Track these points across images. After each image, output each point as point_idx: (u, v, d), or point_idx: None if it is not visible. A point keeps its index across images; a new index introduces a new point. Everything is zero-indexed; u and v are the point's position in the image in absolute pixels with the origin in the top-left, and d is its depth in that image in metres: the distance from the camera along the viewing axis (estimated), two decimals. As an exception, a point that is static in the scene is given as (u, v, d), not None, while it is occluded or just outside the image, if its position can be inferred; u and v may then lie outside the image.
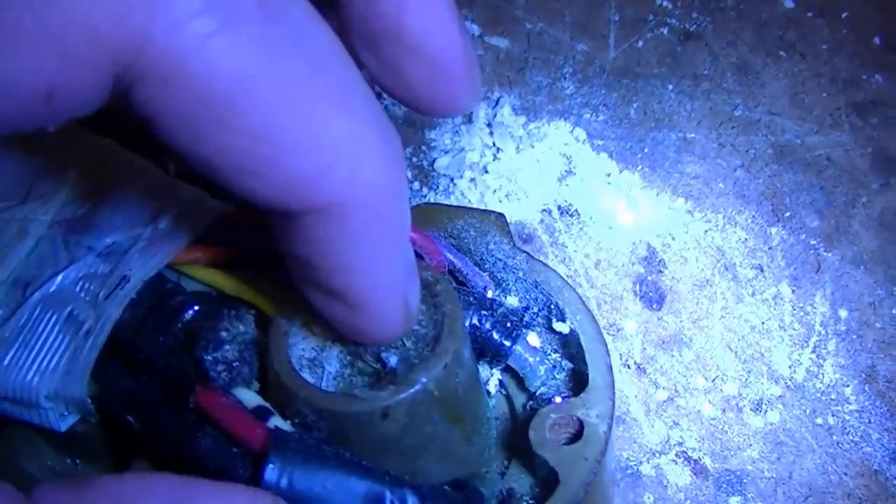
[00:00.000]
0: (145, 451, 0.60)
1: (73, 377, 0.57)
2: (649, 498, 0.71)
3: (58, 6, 0.32)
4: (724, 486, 0.72)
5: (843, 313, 0.80)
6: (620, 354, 0.78)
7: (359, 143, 0.40)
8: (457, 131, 0.90)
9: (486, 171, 0.87)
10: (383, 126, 0.41)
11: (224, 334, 0.56)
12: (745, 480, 0.72)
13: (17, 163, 0.66)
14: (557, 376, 0.61)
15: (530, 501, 0.58)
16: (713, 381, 0.77)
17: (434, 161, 0.88)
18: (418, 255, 0.59)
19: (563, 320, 0.61)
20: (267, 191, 0.39)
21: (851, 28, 0.98)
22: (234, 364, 0.56)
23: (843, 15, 0.98)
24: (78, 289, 0.60)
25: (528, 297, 0.63)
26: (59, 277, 0.60)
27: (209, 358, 0.55)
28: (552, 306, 0.62)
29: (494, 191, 0.86)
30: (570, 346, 0.62)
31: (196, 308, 0.59)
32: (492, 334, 0.60)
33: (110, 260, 0.61)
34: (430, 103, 0.49)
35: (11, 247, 0.62)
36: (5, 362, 0.58)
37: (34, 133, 0.38)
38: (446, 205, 0.69)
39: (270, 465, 0.50)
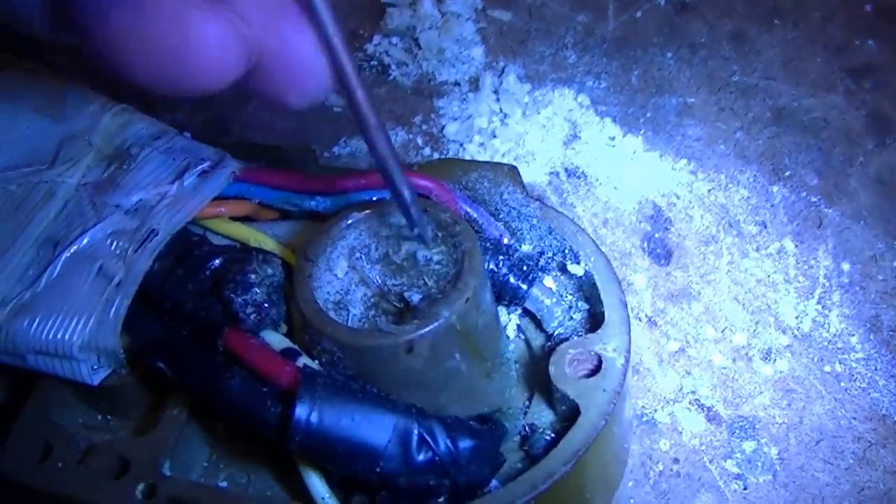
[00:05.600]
0: (177, 398, 0.61)
1: (106, 328, 0.58)
2: (665, 444, 0.72)
3: None
4: (737, 431, 0.73)
5: (846, 266, 0.81)
6: (631, 308, 0.78)
7: None
8: (464, 99, 0.92)
9: (495, 136, 0.89)
10: None
11: (252, 277, 0.57)
12: (757, 426, 0.73)
13: (43, 129, 0.68)
14: (574, 317, 0.62)
15: (552, 435, 0.58)
16: (722, 331, 0.78)
17: (443, 128, 0.90)
18: (436, 204, 0.60)
19: (578, 262, 0.63)
20: None
21: (843, -5, 0.99)
22: (263, 306, 0.57)
23: (835, -17, 0.99)
24: (108, 244, 0.61)
25: (542, 243, 0.64)
26: (88, 235, 0.62)
27: (238, 300, 0.56)
28: (566, 250, 0.63)
29: (503, 154, 0.87)
30: (586, 289, 0.63)
31: (222, 257, 0.60)
32: (508, 278, 0.61)
33: (137, 216, 0.62)
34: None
35: (40, 208, 0.64)
36: (38, 317, 0.59)
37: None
38: (460, 159, 0.70)
39: (300, 402, 0.51)
